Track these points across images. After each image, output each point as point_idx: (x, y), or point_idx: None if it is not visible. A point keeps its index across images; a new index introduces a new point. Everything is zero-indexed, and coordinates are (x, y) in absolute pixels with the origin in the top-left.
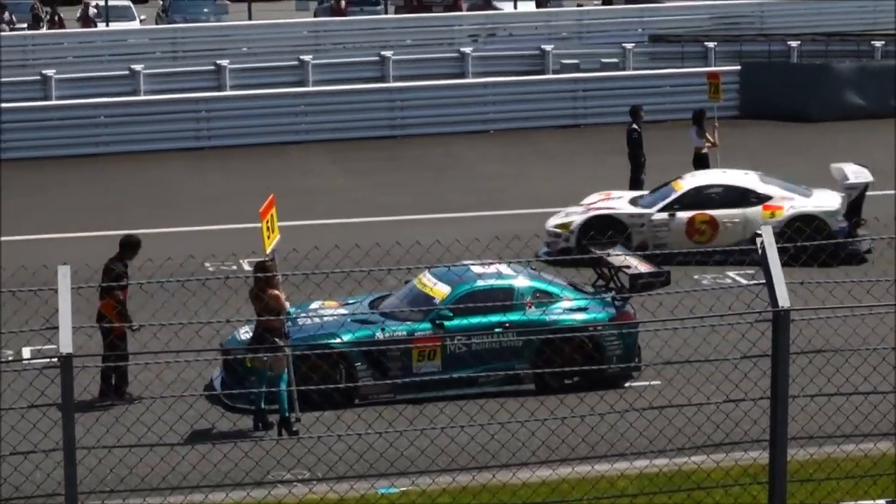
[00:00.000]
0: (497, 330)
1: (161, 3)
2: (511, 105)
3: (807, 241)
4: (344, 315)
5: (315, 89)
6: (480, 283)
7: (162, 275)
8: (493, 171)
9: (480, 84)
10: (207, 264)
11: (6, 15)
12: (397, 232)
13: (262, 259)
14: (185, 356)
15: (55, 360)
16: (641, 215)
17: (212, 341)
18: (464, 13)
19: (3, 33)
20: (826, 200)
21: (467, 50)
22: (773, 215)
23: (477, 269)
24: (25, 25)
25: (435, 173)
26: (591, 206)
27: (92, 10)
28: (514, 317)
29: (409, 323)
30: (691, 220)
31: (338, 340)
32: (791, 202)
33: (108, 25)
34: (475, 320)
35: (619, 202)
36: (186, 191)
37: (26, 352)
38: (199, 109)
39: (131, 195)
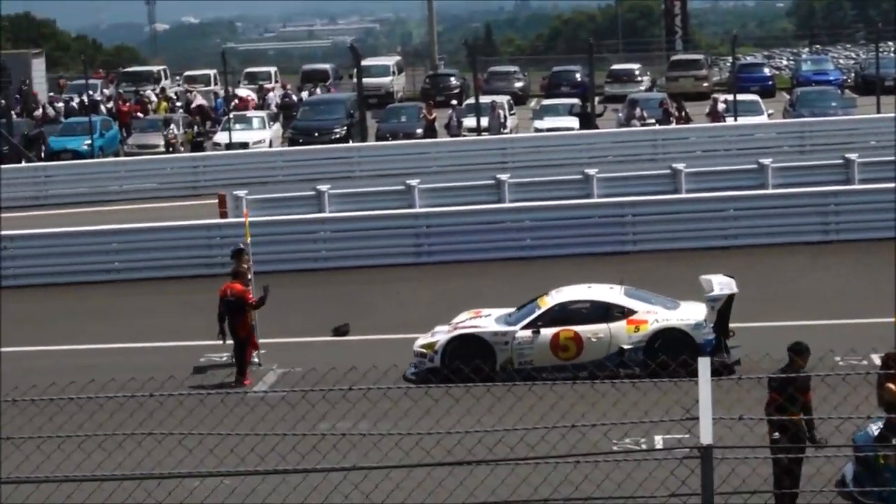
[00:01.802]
0: None
1: (788, 97)
2: None
3: (672, 354)
4: None
5: None
6: None
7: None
8: None
9: None
10: (838, 358)
11: (637, 111)
12: None
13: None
14: (823, 451)
15: (695, 450)
16: (505, 333)
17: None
18: None
19: (634, 128)
20: (691, 313)
21: None
22: (637, 329)
23: None
24: (654, 120)
25: None
26: (459, 325)
27: (721, 105)
28: None
29: None
30: (555, 336)
31: None
32: (655, 315)
33: (736, 120)
34: None
35: (485, 321)
36: (806, 284)
37: (658, 440)
38: (826, 203)
39: (747, 289)
